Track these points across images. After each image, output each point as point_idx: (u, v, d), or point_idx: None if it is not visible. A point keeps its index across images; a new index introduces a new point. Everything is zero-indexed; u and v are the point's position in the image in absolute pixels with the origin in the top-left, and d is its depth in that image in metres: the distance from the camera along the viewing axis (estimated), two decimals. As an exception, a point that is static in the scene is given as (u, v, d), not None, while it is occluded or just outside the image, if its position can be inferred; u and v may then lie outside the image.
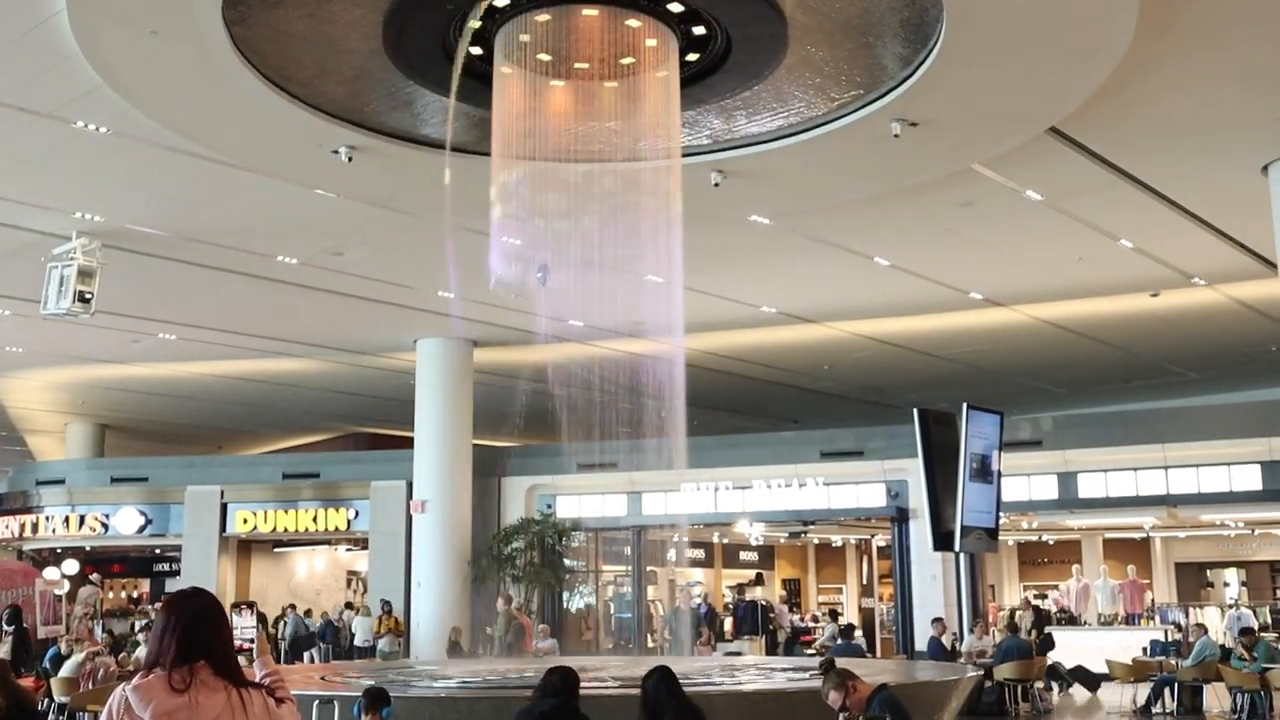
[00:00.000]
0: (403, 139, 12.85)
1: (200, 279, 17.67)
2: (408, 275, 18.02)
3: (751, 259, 17.43)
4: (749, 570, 29.70)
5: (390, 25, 10.52)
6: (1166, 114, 12.41)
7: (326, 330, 21.47)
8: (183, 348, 22.15)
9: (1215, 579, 28.56)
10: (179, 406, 28.02)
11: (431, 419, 22.32)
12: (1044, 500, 21.42)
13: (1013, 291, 19.41)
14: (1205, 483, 20.11)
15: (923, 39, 10.69)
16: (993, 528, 18.84)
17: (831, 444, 22.80)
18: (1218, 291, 19.40)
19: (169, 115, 12.05)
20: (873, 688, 7.62)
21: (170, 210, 15.07)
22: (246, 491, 25.72)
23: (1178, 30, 10.46)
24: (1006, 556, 28.73)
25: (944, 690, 11.18)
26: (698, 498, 22.60)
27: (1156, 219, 15.63)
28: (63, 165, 13.43)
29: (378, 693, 7.56)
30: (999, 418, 18.81)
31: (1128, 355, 23.78)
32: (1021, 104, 11.87)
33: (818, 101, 12.15)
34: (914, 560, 21.29)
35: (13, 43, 10.43)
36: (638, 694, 7.40)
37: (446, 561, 21.81)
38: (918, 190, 14.38)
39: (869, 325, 21.58)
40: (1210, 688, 16.07)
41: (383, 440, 31.19)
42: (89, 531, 26.63)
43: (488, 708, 9.80)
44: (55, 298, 14.76)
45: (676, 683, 7.41)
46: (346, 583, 29.81)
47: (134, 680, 3.72)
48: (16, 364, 23.58)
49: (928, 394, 25.35)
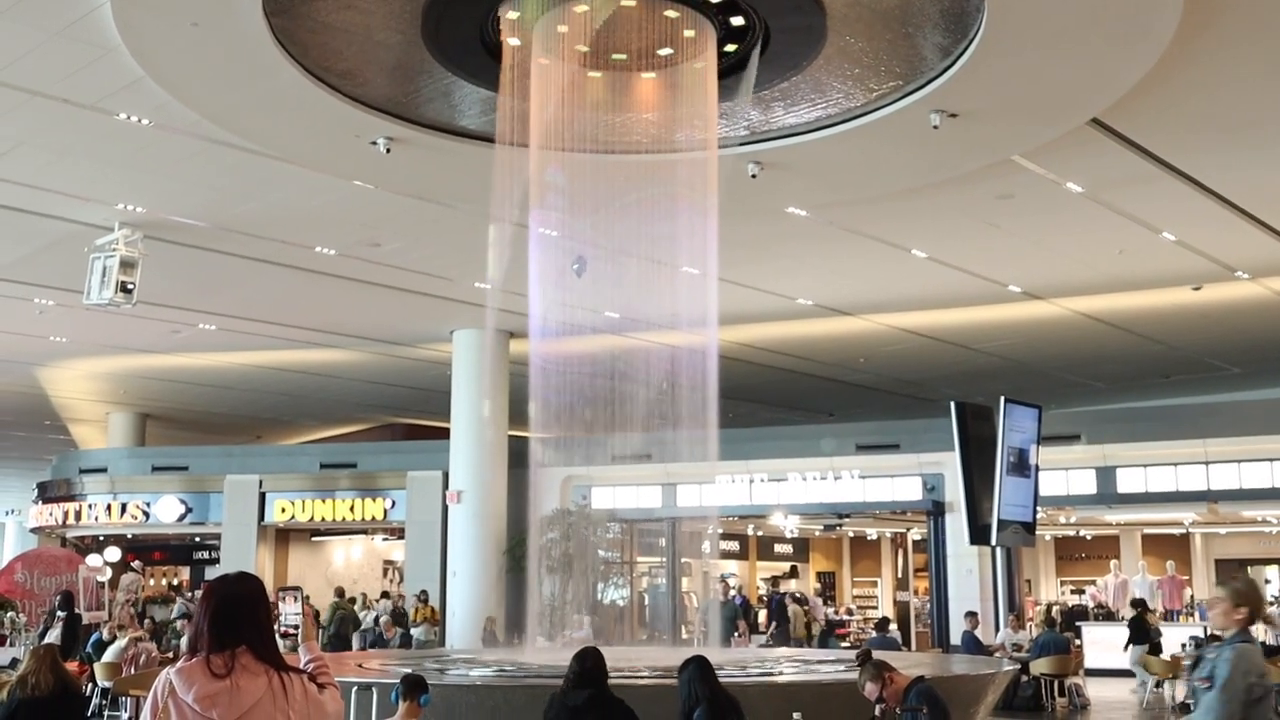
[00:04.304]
0: (441, 130, 12.89)
1: (240, 270, 17.81)
2: (445, 266, 18.09)
3: (788, 251, 17.37)
4: (784, 563, 29.64)
5: (429, 16, 10.56)
6: (1210, 106, 12.26)
7: (364, 321, 21.60)
8: (222, 338, 22.35)
9: (1256, 576, 28.23)
10: (218, 396, 28.27)
11: (467, 410, 22.41)
12: (1082, 495, 21.26)
13: (1052, 284, 19.24)
14: (1247, 478, 19.89)
15: (963, 29, 10.61)
16: (1030, 522, 18.73)
17: (867, 437, 22.72)
18: (1261, 285, 19.16)
19: (210, 107, 12.14)
20: (909, 680, 7.61)
21: (210, 201, 15.20)
22: (285, 481, 25.94)
23: (1222, 21, 10.33)
24: (1044, 551, 28.52)
25: (980, 684, 11.14)
26: (733, 490, 22.59)
27: (1199, 211, 15.44)
28: (105, 157, 13.57)
29: (415, 680, 7.61)
30: (1037, 411, 18.68)
31: (1169, 349, 23.53)
32: (1063, 95, 11.75)
33: (856, 93, 12.09)
34: (950, 554, 21.18)
35: (56, 35, 10.55)
36: (674, 684, 7.41)
37: (482, 551, 21.92)
38: (956, 182, 14.28)
39: (906, 318, 21.46)
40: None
41: (419, 431, 31.34)
42: (130, 519, 26.96)
43: (523, 696, 9.84)
44: (98, 288, 14.92)
45: (712, 672, 7.43)
46: (383, 572, 30.01)
47: (177, 664, 3.77)
48: (60, 354, 23.86)
49: (965, 387, 25.21)
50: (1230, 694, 5.05)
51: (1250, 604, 5.28)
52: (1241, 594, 5.30)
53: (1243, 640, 5.22)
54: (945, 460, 19.95)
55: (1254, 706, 5.09)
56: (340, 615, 21.87)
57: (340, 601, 22.65)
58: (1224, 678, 5.09)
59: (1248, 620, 5.27)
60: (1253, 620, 5.31)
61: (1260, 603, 5.41)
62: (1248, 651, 5.18)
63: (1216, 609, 5.44)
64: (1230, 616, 5.28)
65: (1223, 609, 5.35)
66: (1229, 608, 5.29)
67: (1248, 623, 5.27)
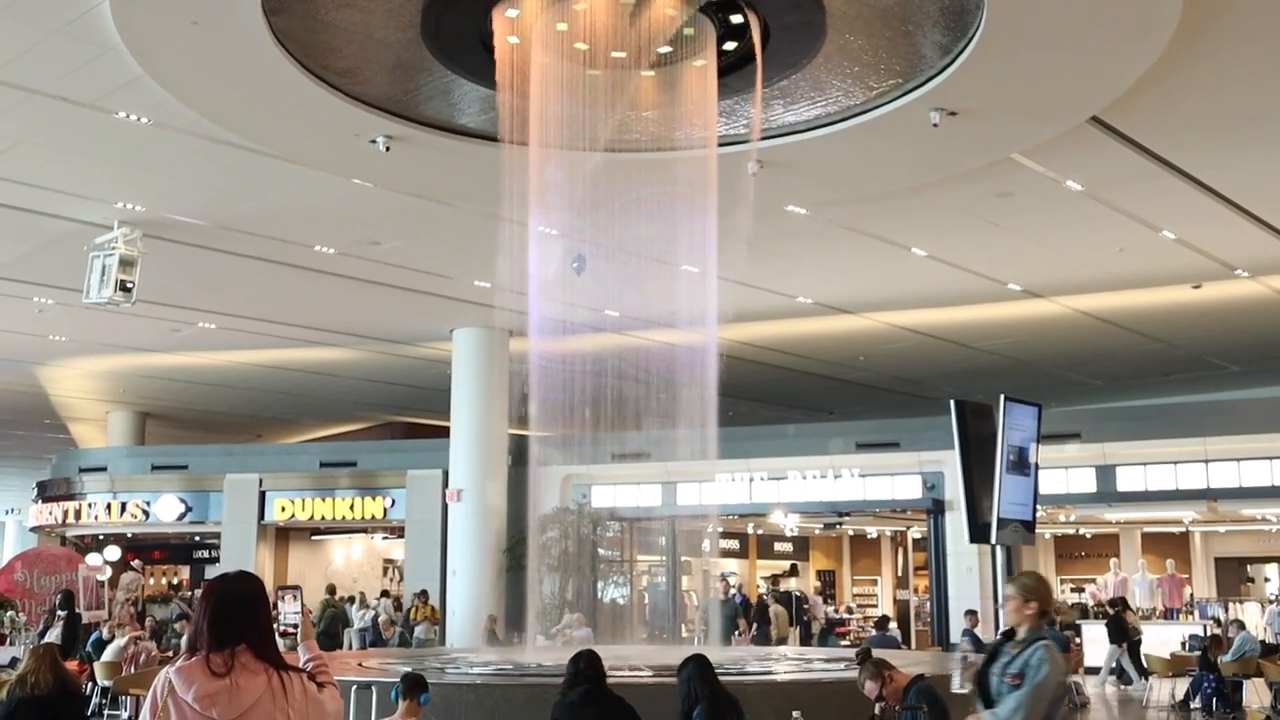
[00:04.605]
0: (440, 128, 12.89)
1: (239, 268, 17.81)
2: (444, 265, 18.08)
3: (788, 249, 17.37)
4: (784, 561, 29.64)
5: (428, 14, 10.55)
6: (1210, 104, 12.25)
7: (364, 319, 21.59)
8: (222, 337, 22.34)
9: (1255, 574, 28.25)
10: (218, 395, 28.28)
11: (467, 409, 22.41)
12: (1082, 493, 21.25)
13: (1052, 283, 19.24)
14: (1246, 477, 19.88)
15: (963, 27, 10.60)
16: (1029, 520, 18.70)
17: (867, 435, 22.71)
18: (1261, 283, 19.16)
19: (209, 105, 12.14)
20: (909, 678, 7.61)
21: (210, 200, 15.19)
22: (284, 480, 25.94)
23: (1221, 20, 10.32)
24: (1043, 550, 28.50)
25: (980, 683, 11.12)
26: (733, 488, 22.58)
27: (1199, 210, 15.44)
28: (104, 155, 13.56)
29: (415, 679, 7.61)
30: (1037, 410, 18.66)
31: (1168, 348, 23.53)
32: (1062, 93, 11.75)
33: (856, 90, 12.08)
34: (950, 552, 21.17)
35: (55, 33, 10.54)
36: (673, 682, 7.41)
37: (482, 550, 21.91)
38: (956, 180, 14.28)
39: (905, 316, 21.46)
40: (1250, 683, 15.91)
41: (419, 429, 31.34)
42: (130, 518, 26.96)
43: (523, 694, 9.85)
44: (97, 287, 14.92)
45: (712, 671, 7.43)
46: (383, 570, 30.01)
47: (176, 663, 3.76)
48: (59, 353, 23.85)
49: (964, 385, 25.21)
50: (1041, 693, 5.15)
51: (1039, 599, 5.38)
52: (1030, 589, 5.40)
53: (1042, 636, 5.34)
54: (945, 458, 19.93)
55: (1056, 704, 5.25)
56: (330, 614, 21.86)
57: (331, 600, 22.64)
58: (1041, 676, 5.18)
59: (1039, 615, 5.35)
60: (1044, 614, 5.41)
61: (1049, 597, 5.51)
62: (1053, 651, 5.28)
63: (1008, 606, 5.51)
64: (1022, 613, 5.37)
65: (1014, 605, 5.43)
66: (1020, 604, 5.38)
67: (1039, 617, 5.36)
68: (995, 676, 5.37)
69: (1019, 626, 5.41)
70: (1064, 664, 5.31)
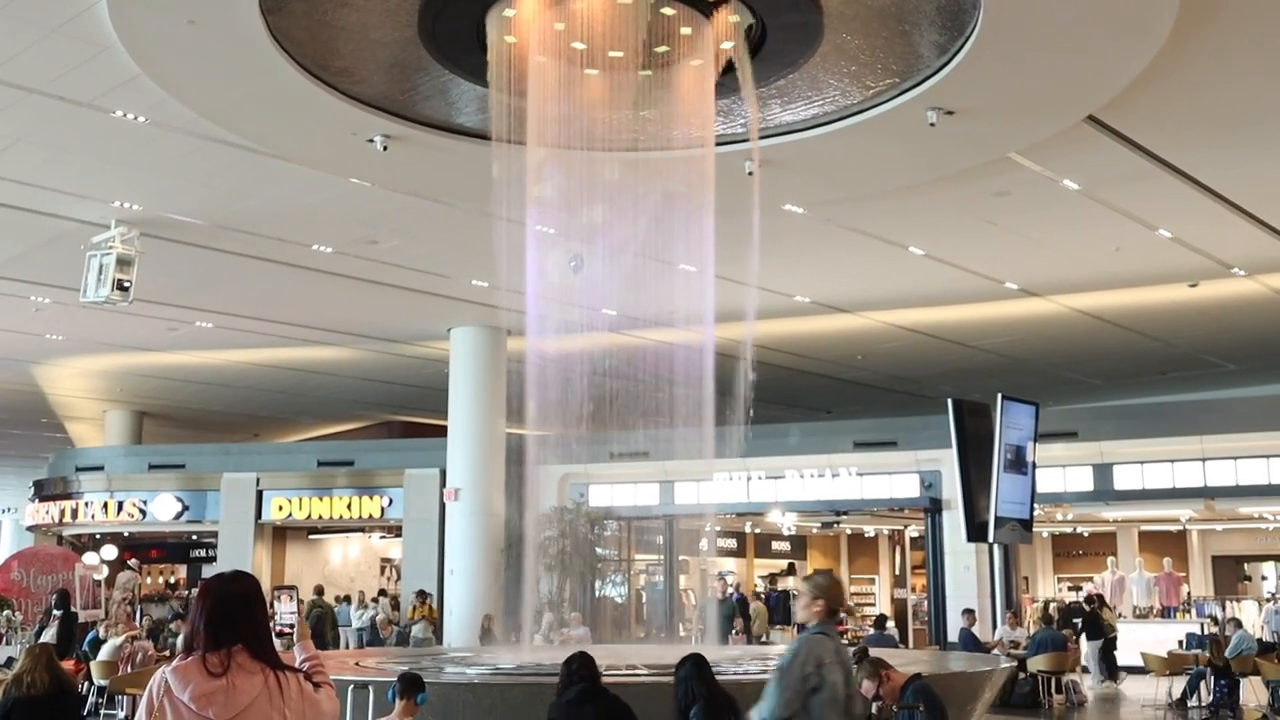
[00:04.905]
0: (438, 128, 12.88)
1: (237, 267, 17.80)
2: (442, 264, 18.08)
3: (785, 248, 17.37)
4: (781, 560, 29.65)
5: (425, 13, 10.55)
6: (1206, 103, 12.26)
7: (361, 318, 21.58)
8: (219, 336, 22.33)
9: (1252, 572, 28.26)
10: (215, 394, 28.26)
11: (465, 408, 22.40)
12: (1079, 492, 21.28)
13: (1049, 281, 19.25)
14: (1243, 475, 19.91)
15: (959, 26, 10.61)
16: (1027, 519, 18.74)
17: (865, 434, 22.71)
18: (1257, 282, 19.17)
19: (206, 104, 12.13)
20: (906, 677, 7.61)
21: (207, 199, 15.18)
22: (282, 479, 25.94)
23: (1218, 18, 10.33)
24: (1041, 548, 28.53)
25: (977, 681, 11.14)
26: (730, 487, 22.59)
27: (1195, 209, 15.45)
28: (101, 154, 13.55)
29: (412, 678, 7.61)
30: (1034, 408, 18.69)
31: (1165, 346, 23.54)
32: (1059, 92, 11.75)
33: (853, 90, 12.09)
34: (947, 551, 21.19)
35: (52, 32, 10.53)
36: (670, 681, 7.42)
37: (479, 549, 21.90)
38: (953, 179, 14.29)
39: (903, 315, 21.46)
40: (1247, 681, 15.92)
41: (417, 428, 31.34)
42: (127, 517, 26.95)
43: (520, 694, 9.85)
44: (94, 286, 14.91)
45: (709, 670, 7.43)
46: (380, 569, 30.01)
47: (173, 663, 3.76)
48: (56, 351, 23.84)
49: (962, 384, 25.23)
50: (787, 681, 5.34)
51: (826, 597, 5.61)
52: (820, 588, 5.66)
53: (819, 632, 5.55)
54: (943, 457, 19.96)
55: (812, 695, 5.36)
56: (317, 614, 21.83)
57: (319, 600, 22.62)
58: (786, 664, 5.42)
59: (826, 612, 5.59)
60: (832, 613, 5.68)
61: (838, 596, 5.77)
62: (815, 642, 5.49)
63: (799, 603, 5.85)
64: (810, 609, 5.63)
65: (803, 603, 5.74)
66: (809, 601, 5.67)
67: (826, 615, 5.60)
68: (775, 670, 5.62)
69: (808, 623, 5.65)
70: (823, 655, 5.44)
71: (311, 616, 21.62)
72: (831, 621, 5.65)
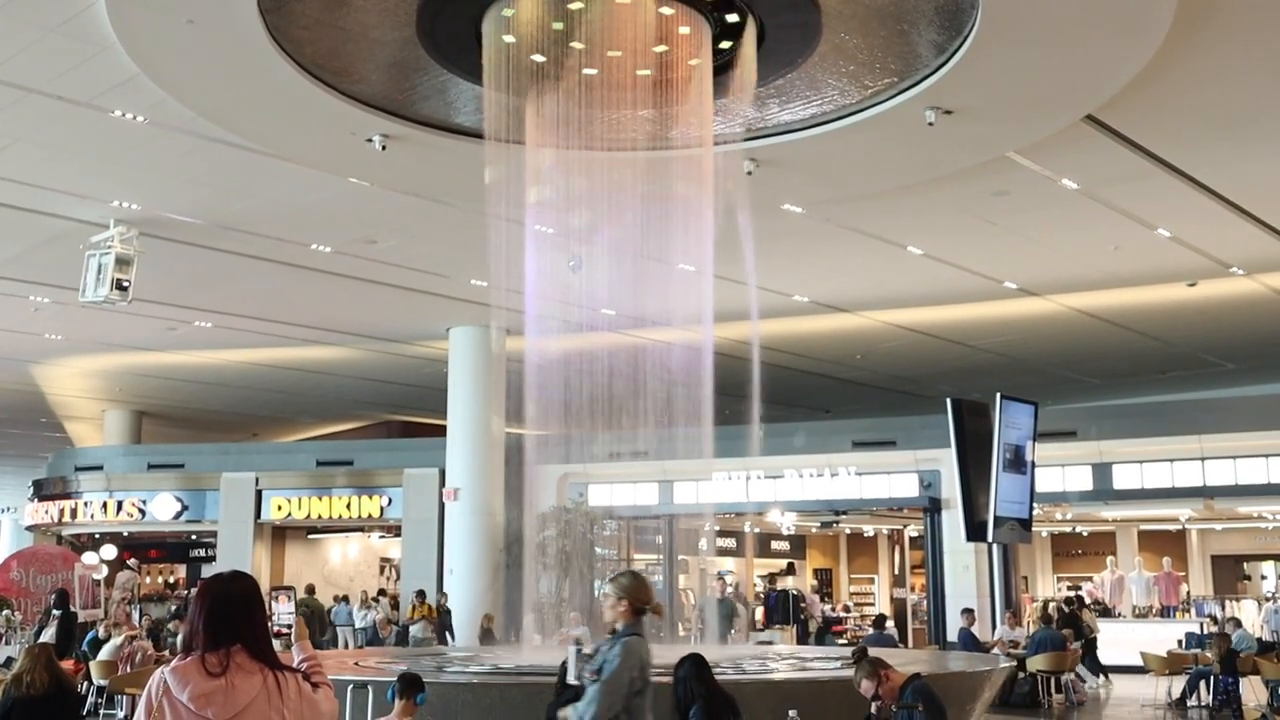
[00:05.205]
0: (436, 127, 12.88)
1: (235, 267, 17.80)
2: (441, 263, 18.07)
3: (784, 247, 17.37)
4: (780, 560, 29.64)
5: (424, 13, 10.54)
6: (1205, 102, 12.27)
7: (360, 318, 21.58)
8: (218, 335, 22.33)
9: (1252, 571, 28.27)
10: (214, 394, 28.26)
11: (464, 407, 22.40)
12: (1078, 491, 21.28)
13: (1047, 281, 19.25)
14: (1242, 474, 19.92)
15: (958, 25, 10.61)
16: (1026, 519, 18.73)
17: (864, 433, 22.72)
18: (1256, 281, 19.18)
19: (205, 104, 12.13)
20: (905, 677, 7.60)
21: (206, 198, 15.18)
22: (281, 478, 25.95)
23: (1217, 16, 10.33)
24: (1040, 548, 28.54)
25: (977, 681, 11.14)
26: (729, 487, 22.59)
27: (1194, 208, 15.46)
28: (100, 154, 13.55)
29: (412, 678, 7.61)
30: (1033, 408, 18.69)
31: (1164, 345, 23.55)
32: (1058, 91, 11.75)
33: (851, 89, 12.09)
34: (946, 550, 21.19)
35: (51, 32, 10.53)
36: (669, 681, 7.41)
37: (479, 549, 21.90)
38: (952, 179, 14.29)
39: (902, 314, 21.47)
40: (1247, 681, 15.92)
41: (416, 428, 31.35)
42: (126, 517, 26.95)
43: (520, 694, 9.84)
44: (93, 285, 14.91)
45: (709, 670, 7.43)
46: (380, 569, 30.00)
47: (172, 663, 3.76)
48: (55, 351, 23.84)
49: (961, 384, 25.24)
50: (613, 686, 5.30)
51: (630, 598, 5.56)
52: (625, 589, 5.60)
53: (632, 633, 5.50)
54: (942, 457, 19.95)
55: (635, 698, 5.36)
56: (304, 614, 21.81)
57: (309, 600, 22.60)
58: (611, 671, 5.34)
59: (632, 613, 5.53)
60: (638, 613, 5.57)
61: (643, 596, 5.66)
62: (635, 645, 5.44)
63: (605, 605, 5.72)
64: (616, 610, 5.58)
65: (609, 604, 5.64)
66: (614, 602, 5.60)
67: (632, 615, 5.54)
68: (586, 674, 5.56)
69: (615, 623, 5.61)
70: (644, 658, 5.45)
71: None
72: (639, 621, 5.58)
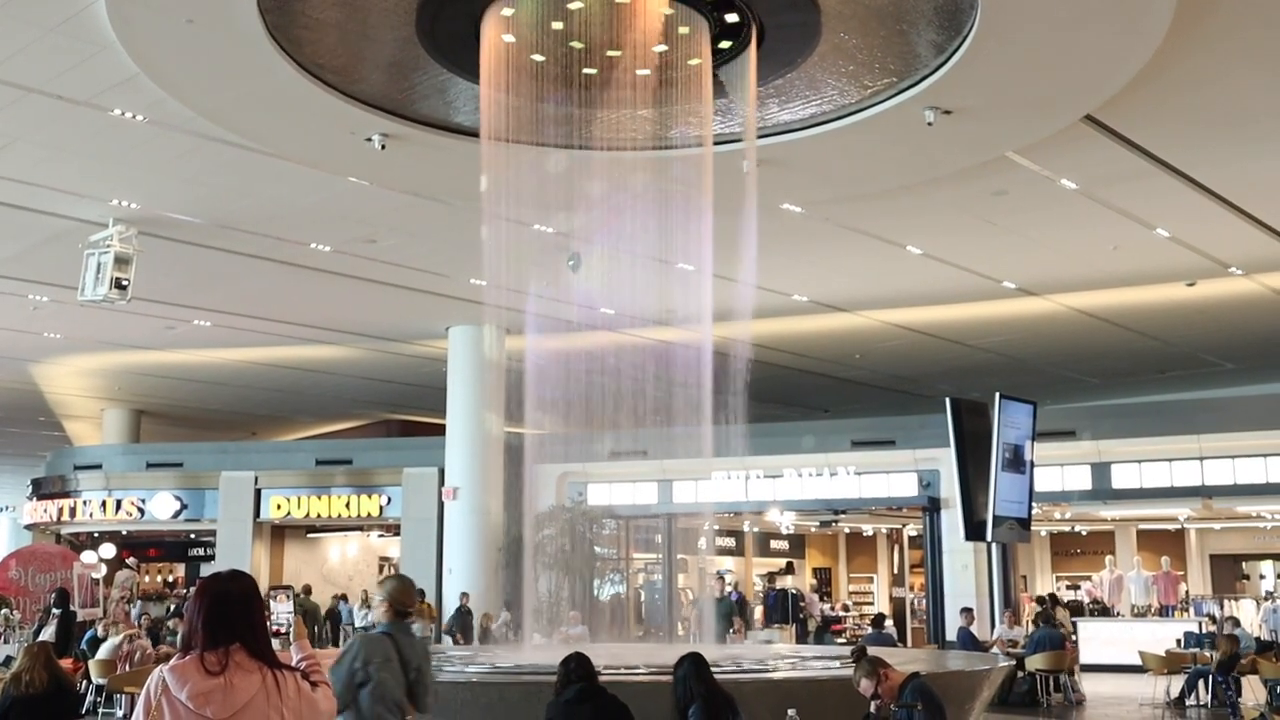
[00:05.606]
0: (436, 126, 12.88)
1: (235, 266, 17.80)
2: (440, 263, 18.08)
3: (783, 247, 17.38)
4: (780, 559, 29.64)
5: (423, 13, 10.55)
6: (1203, 102, 12.27)
7: (359, 317, 21.59)
8: (217, 334, 22.33)
9: (1250, 571, 28.28)
10: (213, 392, 28.27)
11: (463, 406, 22.40)
12: (1077, 491, 21.29)
13: (1046, 280, 19.26)
14: (1241, 474, 19.92)
15: (957, 26, 10.61)
16: (1025, 518, 18.73)
17: (863, 433, 22.73)
18: (1255, 281, 19.19)
19: (205, 103, 12.13)
20: (904, 676, 7.60)
21: (205, 198, 15.18)
22: (280, 477, 25.94)
23: (1215, 17, 10.34)
24: (1039, 547, 28.54)
25: (976, 680, 11.14)
26: (729, 486, 22.59)
27: (1193, 208, 15.46)
28: (100, 153, 13.55)
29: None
30: (1032, 407, 18.68)
31: (1163, 345, 23.56)
32: (1057, 91, 11.76)
33: (851, 89, 12.09)
34: (945, 550, 21.20)
35: (51, 31, 10.53)
36: (669, 680, 7.42)
37: (478, 548, 21.90)
38: (951, 178, 14.29)
39: (901, 314, 21.47)
40: (1246, 681, 15.92)
41: (415, 427, 31.34)
42: (125, 516, 26.94)
43: (518, 692, 9.84)
44: (92, 284, 14.92)
45: (708, 669, 7.43)
46: (379, 568, 29.99)
47: (170, 662, 3.76)
48: (54, 350, 23.84)
49: (960, 383, 25.25)
50: (337, 675, 5.61)
51: (392, 600, 6.06)
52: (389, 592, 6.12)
53: (383, 632, 5.97)
54: (941, 456, 19.95)
55: (360, 690, 5.71)
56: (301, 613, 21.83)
57: (304, 599, 22.59)
58: (335, 664, 5.71)
59: (393, 613, 6.02)
60: (399, 614, 6.04)
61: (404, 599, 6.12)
62: (370, 640, 5.92)
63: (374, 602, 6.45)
64: (379, 610, 6.17)
65: (375, 603, 6.28)
66: (379, 603, 6.20)
67: (394, 615, 6.02)
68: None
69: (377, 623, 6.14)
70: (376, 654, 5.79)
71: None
72: (399, 622, 6.00)
